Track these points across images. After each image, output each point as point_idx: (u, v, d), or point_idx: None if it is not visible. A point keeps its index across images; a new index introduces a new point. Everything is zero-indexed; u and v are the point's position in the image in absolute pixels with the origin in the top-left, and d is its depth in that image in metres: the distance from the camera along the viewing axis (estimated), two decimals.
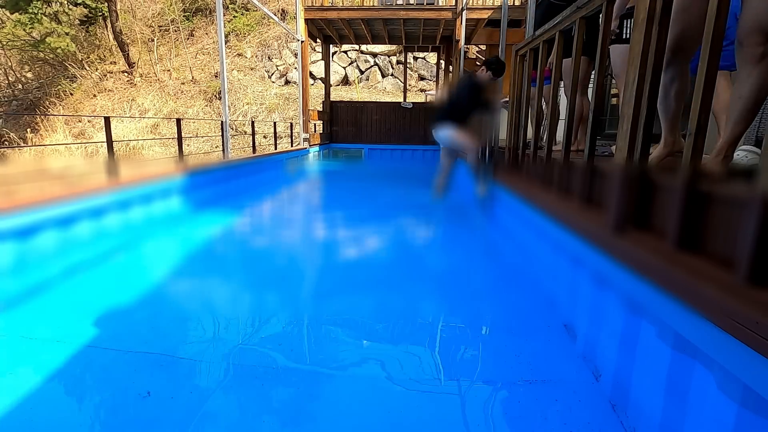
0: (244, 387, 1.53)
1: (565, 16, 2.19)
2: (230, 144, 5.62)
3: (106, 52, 19.15)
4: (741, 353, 0.88)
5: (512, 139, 3.32)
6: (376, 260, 3.11)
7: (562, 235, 1.94)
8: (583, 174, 1.95)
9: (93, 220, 3.01)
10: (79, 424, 1.34)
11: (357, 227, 4.02)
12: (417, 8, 8.58)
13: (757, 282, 0.96)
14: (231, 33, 19.27)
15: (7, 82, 18.96)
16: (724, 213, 1.14)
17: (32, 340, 1.80)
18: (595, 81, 1.83)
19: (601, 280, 1.62)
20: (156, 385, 1.50)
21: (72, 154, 14.80)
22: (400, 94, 15.90)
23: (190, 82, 18.38)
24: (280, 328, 1.99)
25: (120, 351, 1.72)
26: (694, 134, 1.19)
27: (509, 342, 1.88)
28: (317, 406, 1.45)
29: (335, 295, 2.39)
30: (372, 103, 11.04)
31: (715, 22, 1.12)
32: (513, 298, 2.38)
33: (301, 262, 3.04)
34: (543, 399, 1.47)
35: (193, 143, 15.29)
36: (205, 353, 1.74)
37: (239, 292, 2.45)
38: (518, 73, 3.21)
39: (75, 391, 1.52)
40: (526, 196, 2.56)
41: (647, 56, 1.39)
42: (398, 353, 1.78)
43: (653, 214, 1.45)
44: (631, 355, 1.38)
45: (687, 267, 1.10)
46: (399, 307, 2.26)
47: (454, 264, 3.08)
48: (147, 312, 2.11)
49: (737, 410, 0.95)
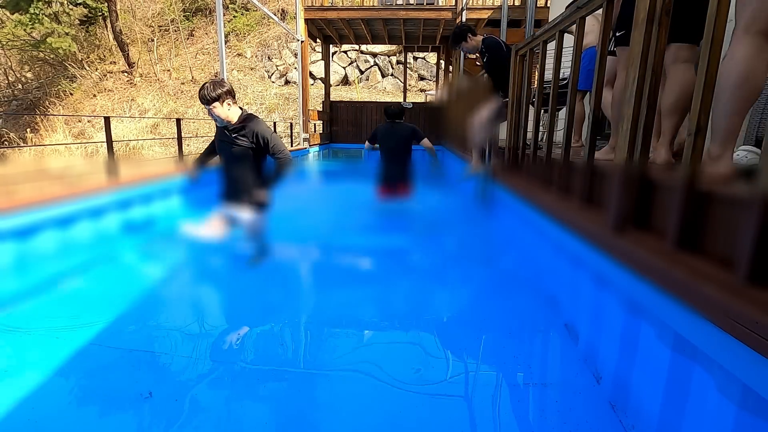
0: (242, 386, 1.53)
1: (565, 16, 2.19)
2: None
3: (106, 52, 19.15)
4: (741, 353, 0.88)
5: (512, 139, 3.32)
6: (375, 259, 3.10)
7: (561, 234, 1.94)
8: (583, 174, 1.95)
9: (93, 220, 3.01)
10: (78, 424, 1.35)
11: (357, 227, 4.02)
12: (417, 8, 8.58)
13: (757, 282, 0.96)
14: (231, 33, 19.27)
15: (7, 82, 18.95)
16: (724, 213, 1.14)
17: (32, 337, 1.80)
18: (595, 81, 1.83)
19: (601, 280, 1.62)
20: (156, 385, 1.50)
21: (72, 154, 14.79)
22: (400, 94, 15.90)
23: (190, 82, 18.38)
24: (281, 326, 1.99)
25: (121, 350, 1.73)
26: (694, 134, 1.19)
27: (509, 343, 1.88)
28: (318, 404, 1.45)
29: (334, 291, 2.39)
30: (372, 103, 11.05)
31: (716, 22, 1.12)
32: (513, 298, 2.38)
33: (301, 260, 3.04)
34: (543, 399, 1.47)
35: (193, 143, 15.29)
36: (205, 351, 1.74)
37: (238, 293, 2.45)
38: (518, 73, 3.21)
39: (74, 389, 1.52)
40: (526, 195, 2.56)
41: (647, 56, 1.39)
42: (397, 353, 1.78)
43: (653, 213, 1.46)
44: (631, 355, 1.38)
45: (687, 267, 1.10)
46: (398, 307, 2.26)
47: (454, 264, 3.08)
48: (146, 313, 2.11)
49: (737, 410, 0.95)
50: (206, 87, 2.43)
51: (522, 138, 3.19)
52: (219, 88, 2.43)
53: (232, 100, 2.51)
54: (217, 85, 2.44)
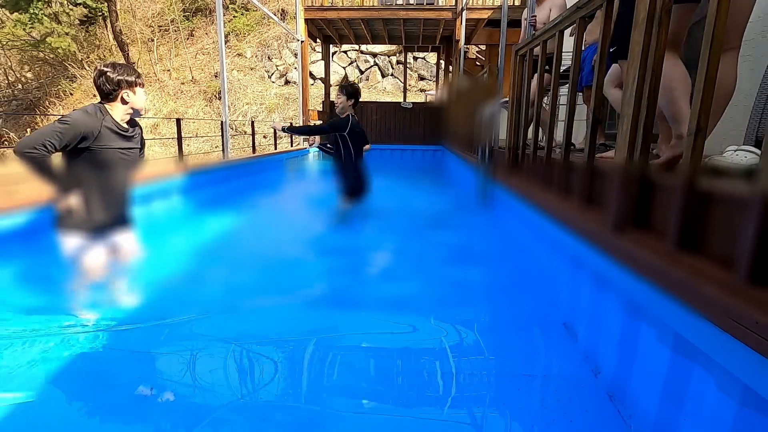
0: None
1: (565, 16, 2.19)
2: (230, 144, 5.62)
3: (106, 52, 19.15)
4: (740, 353, 0.88)
5: (512, 139, 3.33)
6: (374, 258, 3.11)
7: (561, 234, 1.94)
8: (582, 173, 1.96)
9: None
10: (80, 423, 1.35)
11: (355, 227, 4.02)
12: (417, 8, 8.58)
13: (757, 282, 0.96)
14: (231, 33, 19.27)
15: (7, 82, 18.96)
16: (724, 213, 1.14)
17: (33, 337, 1.80)
18: (595, 82, 1.84)
19: (600, 279, 1.62)
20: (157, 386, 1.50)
21: None
22: (400, 94, 15.90)
23: (190, 82, 18.39)
24: (284, 325, 1.99)
25: (121, 350, 1.73)
26: (694, 134, 1.19)
27: (509, 340, 1.88)
28: (319, 403, 1.45)
29: (333, 287, 2.39)
30: (372, 103, 11.05)
31: (716, 22, 1.12)
32: (513, 297, 2.38)
33: (301, 258, 3.04)
34: (543, 393, 1.48)
35: (193, 143, 15.29)
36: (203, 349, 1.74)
37: (238, 294, 2.45)
38: (518, 73, 3.21)
39: (73, 387, 1.52)
40: (526, 195, 2.56)
41: (647, 56, 1.39)
42: (398, 352, 1.78)
43: (653, 213, 1.46)
44: (631, 355, 1.38)
45: (687, 267, 1.10)
46: (398, 305, 2.27)
47: (453, 264, 3.08)
48: (147, 312, 2.11)
49: (736, 410, 0.95)
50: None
51: (522, 138, 3.19)
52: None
53: None
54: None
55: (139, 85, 2.05)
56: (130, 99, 2.02)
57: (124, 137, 2.05)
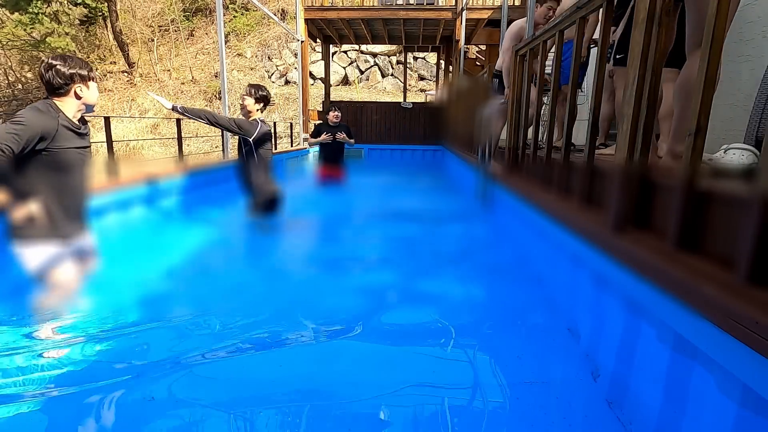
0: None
1: (565, 16, 2.19)
2: (230, 144, 5.61)
3: (106, 52, 19.15)
4: (741, 353, 0.88)
5: (512, 139, 3.32)
6: (374, 258, 3.11)
7: (561, 234, 1.94)
8: (583, 173, 1.96)
9: (93, 220, 3.00)
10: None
11: (355, 227, 4.02)
12: (417, 8, 8.58)
13: (756, 282, 0.96)
14: (231, 33, 19.27)
15: (7, 82, 18.95)
16: (724, 213, 1.14)
17: (31, 337, 1.79)
18: (595, 82, 1.83)
19: (600, 279, 1.62)
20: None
21: None
22: (400, 94, 15.89)
23: (190, 82, 18.38)
24: (285, 325, 1.99)
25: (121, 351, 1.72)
26: (694, 134, 1.19)
27: (510, 342, 1.88)
28: (318, 403, 1.45)
29: (332, 288, 2.39)
30: (372, 103, 11.04)
31: (716, 22, 1.12)
32: (513, 297, 2.38)
33: (301, 258, 3.04)
34: (543, 397, 1.48)
35: (193, 143, 15.30)
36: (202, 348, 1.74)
37: (237, 295, 2.45)
38: (518, 73, 3.20)
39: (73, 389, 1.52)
40: (526, 195, 2.56)
41: (647, 56, 1.39)
42: (399, 351, 1.78)
43: (653, 213, 1.46)
44: (630, 355, 1.38)
45: (687, 266, 1.10)
46: (399, 305, 2.26)
47: (453, 263, 3.07)
48: (144, 314, 2.11)
49: (736, 410, 0.95)
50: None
51: (522, 138, 3.19)
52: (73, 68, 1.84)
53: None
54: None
55: (92, 79, 1.91)
56: (83, 94, 1.87)
57: (79, 135, 1.91)
